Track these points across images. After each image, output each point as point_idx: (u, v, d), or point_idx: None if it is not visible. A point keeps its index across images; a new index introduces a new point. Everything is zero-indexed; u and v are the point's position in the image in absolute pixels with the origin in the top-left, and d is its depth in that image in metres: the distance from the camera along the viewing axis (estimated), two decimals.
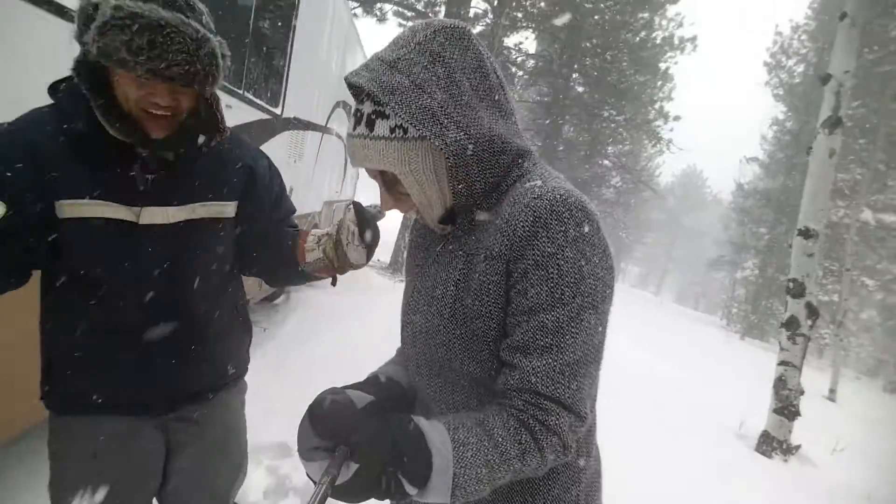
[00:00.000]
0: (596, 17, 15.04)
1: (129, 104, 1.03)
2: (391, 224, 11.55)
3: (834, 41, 5.53)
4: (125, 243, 1.12)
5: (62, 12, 1.58)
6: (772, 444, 5.08)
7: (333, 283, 1.37)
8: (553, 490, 0.84)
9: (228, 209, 1.26)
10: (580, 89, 17.10)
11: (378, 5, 11.76)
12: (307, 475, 0.70)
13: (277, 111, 3.74)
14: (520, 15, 12.88)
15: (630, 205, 23.94)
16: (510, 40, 14.02)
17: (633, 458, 3.95)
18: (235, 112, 2.91)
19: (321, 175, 5.69)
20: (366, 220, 1.18)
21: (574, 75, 16.35)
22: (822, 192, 5.37)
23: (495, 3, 11.01)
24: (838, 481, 4.84)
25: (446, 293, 0.81)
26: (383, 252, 10.98)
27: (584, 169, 17.88)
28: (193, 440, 1.31)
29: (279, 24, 3.61)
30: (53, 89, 1.11)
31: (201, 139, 1.15)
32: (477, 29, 11.60)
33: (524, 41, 18.77)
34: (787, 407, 5.15)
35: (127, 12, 0.93)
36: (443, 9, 10.67)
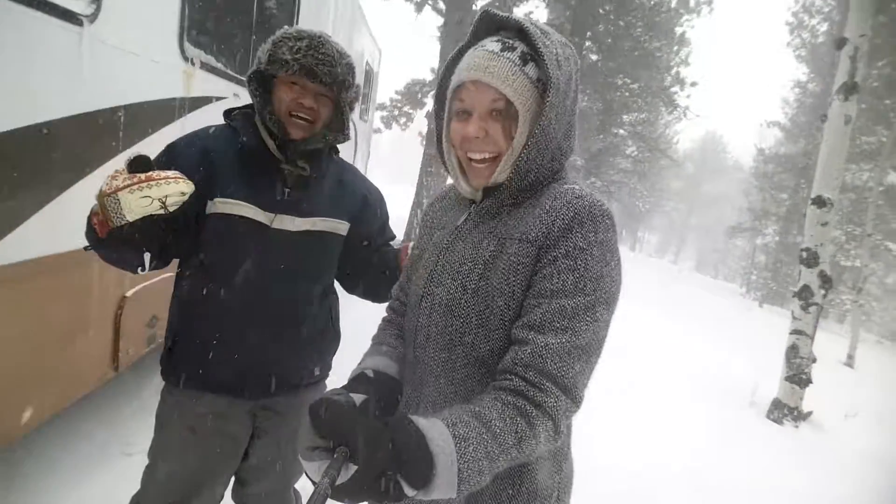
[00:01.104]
0: None
1: (281, 108, 1.34)
2: (404, 200, 11.62)
3: (850, 2, 5.36)
4: (256, 242, 1.36)
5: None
6: (783, 411, 5.16)
7: None
8: (539, 476, 0.91)
9: (342, 227, 1.49)
10: (594, 57, 16.71)
11: None
12: (306, 475, 0.71)
13: None
14: None
15: (646, 173, 23.55)
16: (520, 10, 13.74)
17: (644, 423, 4.08)
18: (244, 96, 2.97)
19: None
20: None
21: (587, 43, 15.97)
22: (837, 161, 5.30)
23: None
24: (849, 446, 4.90)
25: (473, 270, 0.88)
26: (396, 227, 11.09)
27: (598, 139, 17.58)
28: (275, 429, 1.52)
29: (284, 2, 3.62)
30: (227, 114, 1.44)
31: (329, 137, 1.41)
32: None
33: (535, 10, 18.31)
34: (798, 375, 5.20)
35: (295, 29, 1.35)
36: None
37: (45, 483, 2.13)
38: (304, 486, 1.56)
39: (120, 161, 1.58)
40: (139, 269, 1.23)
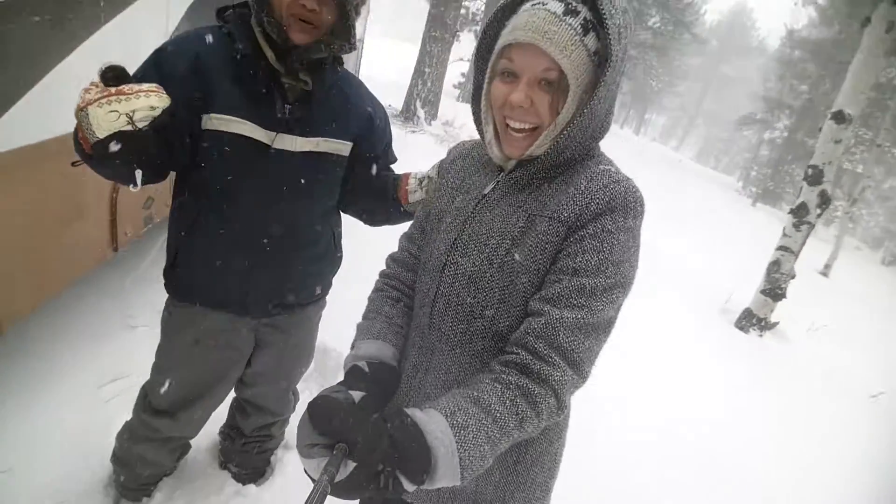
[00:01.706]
0: None
1: (280, 9, 1.16)
2: (405, 64, 10.91)
3: None
4: (256, 162, 1.29)
5: None
6: (751, 321, 5.42)
7: None
8: (541, 444, 0.95)
9: (345, 148, 1.41)
10: None
11: None
12: (305, 473, 0.71)
13: None
14: None
15: (666, 49, 22.13)
16: None
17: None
18: None
19: None
20: None
21: None
22: (869, 73, 4.95)
23: None
24: (806, 357, 5.26)
25: (501, 244, 0.87)
26: (395, 97, 10.49)
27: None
28: (276, 342, 1.58)
29: None
30: (220, 13, 1.28)
31: (334, 46, 1.25)
32: None
33: None
34: (774, 289, 5.39)
35: None
36: None
37: (54, 352, 2.26)
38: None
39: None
40: (131, 185, 1.16)
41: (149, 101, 1.01)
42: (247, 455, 1.86)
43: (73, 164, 1.12)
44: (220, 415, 1.84)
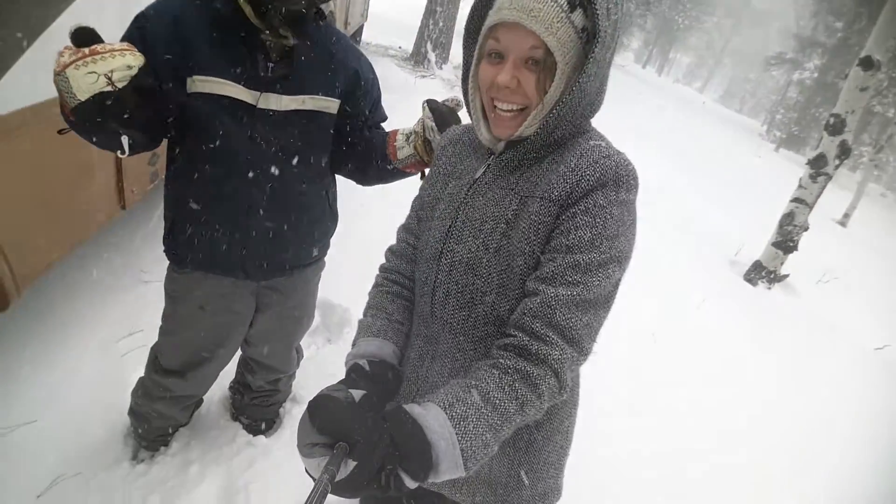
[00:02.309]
0: None
1: None
2: (415, 2, 10.45)
3: None
4: (242, 123, 1.29)
5: None
6: (760, 274, 5.37)
7: (422, 177, 1.47)
8: (552, 424, 0.96)
9: (333, 106, 1.40)
10: None
11: None
12: (306, 472, 0.72)
13: None
14: None
15: None
16: None
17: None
18: None
19: None
20: (443, 116, 1.33)
21: None
22: None
23: None
24: (812, 310, 5.24)
25: (496, 228, 0.87)
26: (405, 38, 10.12)
27: None
28: (276, 304, 1.64)
29: None
30: None
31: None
32: None
33: None
34: (786, 241, 5.31)
35: None
36: None
37: (72, 308, 2.35)
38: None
39: None
40: (118, 152, 1.17)
41: (125, 60, 1.01)
42: (256, 408, 1.97)
43: (60, 131, 1.13)
44: (230, 371, 1.94)
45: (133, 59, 1.02)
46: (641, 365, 3.26)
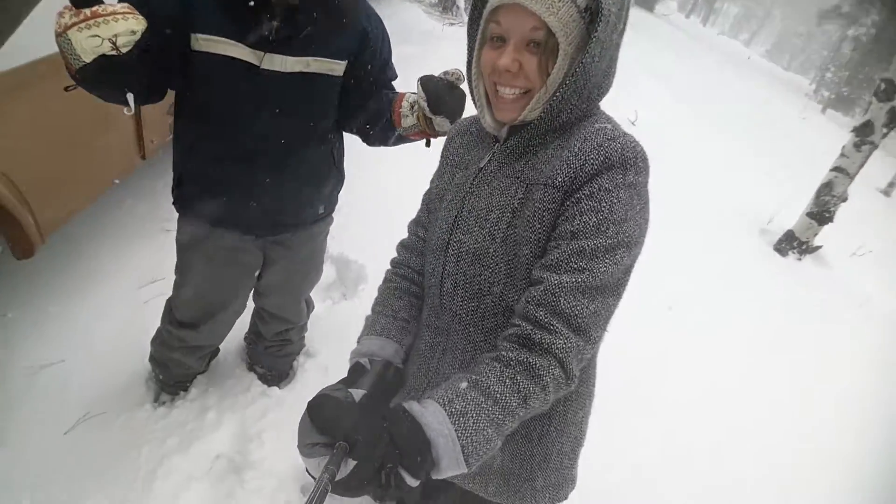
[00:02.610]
0: None
1: None
2: None
3: None
4: (246, 84, 1.28)
5: None
6: (792, 244, 5.18)
7: (427, 145, 1.47)
8: (565, 415, 0.96)
9: (339, 68, 1.37)
10: None
11: None
12: (307, 471, 0.71)
13: None
14: None
15: None
16: None
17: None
18: None
19: None
20: (437, 94, 1.27)
21: None
22: None
23: None
24: (842, 283, 5.03)
25: (502, 218, 0.85)
26: None
27: None
28: (283, 258, 1.67)
29: None
30: None
31: None
32: None
33: None
34: (822, 212, 5.10)
35: None
36: None
37: (96, 254, 2.43)
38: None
39: None
40: (125, 109, 1.19)
41: (128, 25, 1.00)
42: (271, 358, 2.03)
43: (66, 88, 1.13)
44: (246, 321, 1.99)
45: (136, 24, 1.01)
46: (655, 337, 3.15)
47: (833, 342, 3.97)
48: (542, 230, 0.82)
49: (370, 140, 1.55)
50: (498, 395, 0.73)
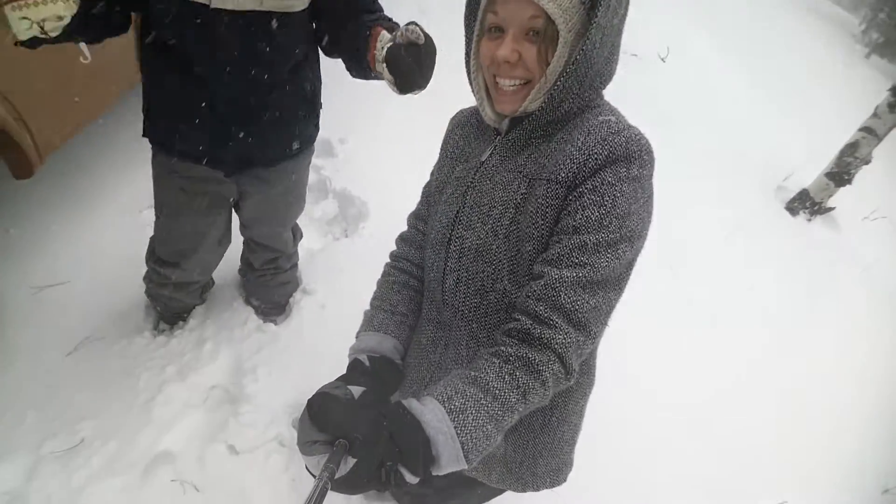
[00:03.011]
0: None
1: None
2: None
3: None
4: (199, 26, 1.23)
5: None
6: (804, 204, 5.06)
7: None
8: (568, 405, 0.97)
9: (297, 4, 1.29)
10: None
11: None
12: (307, 469, 0.71)
13: None
14: None
15: None
16: None
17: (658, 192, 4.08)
18: None
19: None
20: (399, 68, 1.15)
21: None
22: None
23: None
24: (849, 247, 4.98)
25: (504, 213, 0.84)
26: None
27: None
28: (259, 192, 1.63)
29: None
30: None
31: None
32: None
33: None
34: (841, 173, 4.94)
35: None
36: None
37: (98, 176, 2.41)
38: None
39: None
40: (81, 58, 1.21)
41: (55, 9, 1.00)
42: (264, 288, 2.05)
43: (16, 43, 1.09)
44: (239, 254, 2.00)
45: (64, 9, 1.01)
46: (657, 302, 3.07)
47: (828, 305, 3.98)
48: (546, 226, 0.81)
49: (352, 73, 1.47)
50: (497, 391, 0.73)
